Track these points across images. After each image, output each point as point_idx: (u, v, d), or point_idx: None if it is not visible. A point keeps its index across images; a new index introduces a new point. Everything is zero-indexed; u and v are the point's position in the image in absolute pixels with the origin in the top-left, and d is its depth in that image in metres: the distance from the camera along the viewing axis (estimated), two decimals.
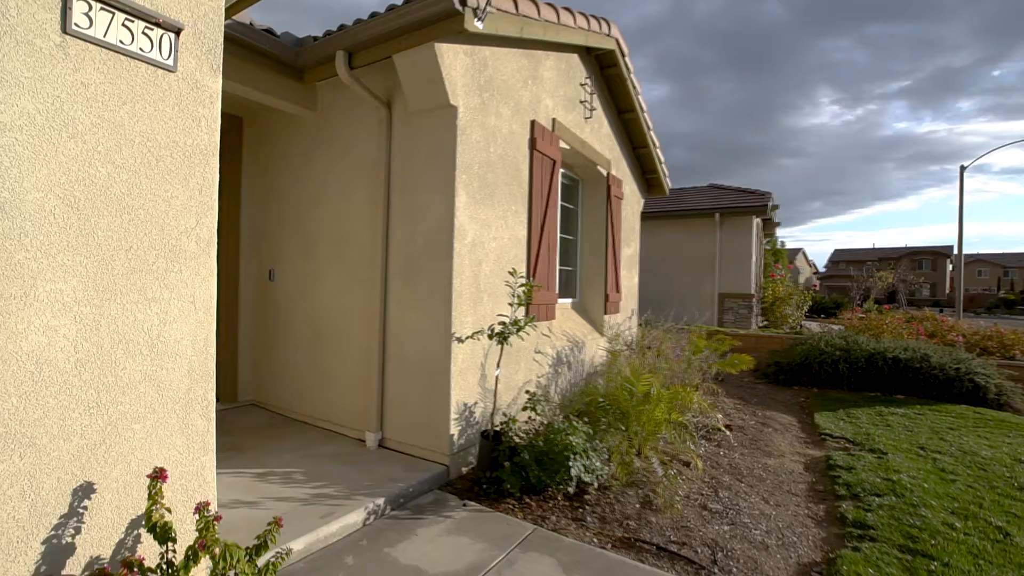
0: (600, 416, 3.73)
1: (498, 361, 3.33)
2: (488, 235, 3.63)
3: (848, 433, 4.92)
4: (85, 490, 1.63)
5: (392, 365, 3.59)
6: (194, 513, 1.71)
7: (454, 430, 3.32)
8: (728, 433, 4.34)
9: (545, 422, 3.69)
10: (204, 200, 1.94)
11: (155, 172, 1.80)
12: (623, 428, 3.65)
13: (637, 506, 3.10)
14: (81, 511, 1.62)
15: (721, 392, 5.78)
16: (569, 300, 5.70)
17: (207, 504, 1.73)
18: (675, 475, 3.51)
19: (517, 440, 3.20)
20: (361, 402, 3.72)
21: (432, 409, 3.36)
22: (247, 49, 3.38)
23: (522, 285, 3.25)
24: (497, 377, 3.34)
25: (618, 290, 6.25)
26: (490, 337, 3.22)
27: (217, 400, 4.56)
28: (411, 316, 3.49)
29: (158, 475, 1.67)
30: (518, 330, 3.16)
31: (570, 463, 2.91)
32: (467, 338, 3.37)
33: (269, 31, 3.41)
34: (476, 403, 3.53)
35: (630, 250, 6.98)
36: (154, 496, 1.64)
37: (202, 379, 1.95)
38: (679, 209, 12.91)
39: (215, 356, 1.99)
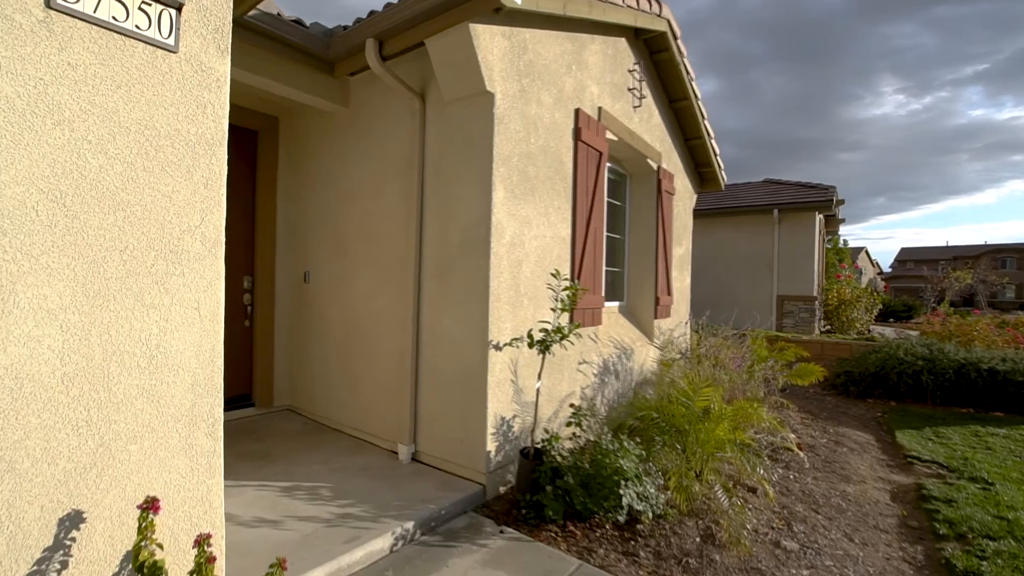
0: (653, 434, 3.36)
1: (539, 372, 3.03)
2: (528, 233, 3.34)
3: (940, 456, 4.29)
4: (73, 519, 1.46)
5: (425, 373, 3.35)
6: (194, 546, 1.51)
7: (491, 446, 3.04)
8: (800, 454, 3.85)
9: (591, 438, 3.36)
10: (210, 195, 1.75)
11: (154, 164, 1.61)
12: (680, 447, 3.26)
13: (698, 540, 2.72)
14: (68, 543, 1.44)
15: (788, 406, 5.23)
16: (616, 303, 5.32)
17: (208, 537, 1.53)
18: (741, 504, 3.09)
19: (560, 460, 2.89)
20: (394, 412, 3.52)
21: (467, 423, 3.10)
22: (277, 42, 3.23)
23: (566, 288, 2.94)
24: (538, 390, 3.04)
25: (669, 293, 5.80)
26: (530, 345, 2.92)
27: (253, 405, 4.53)
28: (445, 321, 3.24)
29: (150, 506, 1.47)
30: (561, 338, 2.85)
31: (621, 490, 2.57)
32: (505, 345, 3.09)
33: (298, 22, 3.26)
34: (515, 416, 3.24)
35: (682, 249, 6.51)
36: (144, 530, 1.45)
37: (207, 394, 1.75)
38: (733, 206, 12.16)
39: (223, 368, 1.79)
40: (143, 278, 1.59)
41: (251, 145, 4.33)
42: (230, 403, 4.20)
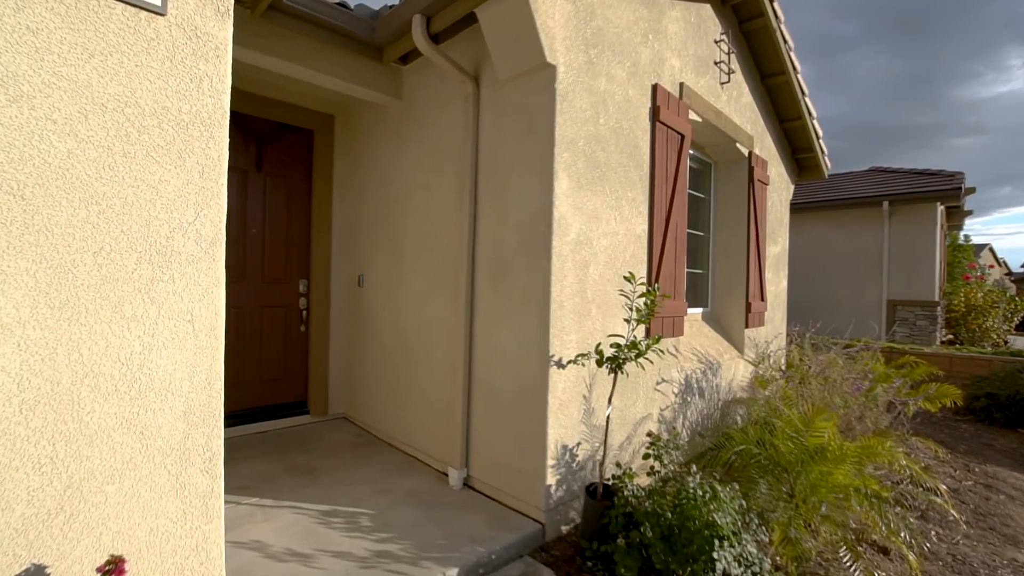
0: (753, 472, 2.75)
1: (610, 395, 2.55)
2: (597, 229, 2.86)
3: None
4: None
5: (479, 391, 2.98)
6: None
7: (551, 479, 2.60)
8: (945, 504, 3.04)
9: (673, 468, 2.81)
10: (207, 185, 1.46)
11: (137, 148, 1.34)
12: (787, 491, 2.64)
13: None
14: None
15: (915, 435, 4.31)
16: (699, 310, 4.67)
17: None
18: (869, 570, 2.42)
19: (635, 503, 2.39)
20: (445, 430, 3.18)
21: (525, 449, 2.68)
22: (320, 27, 3.01)
23: (643, 295, 2.43)
24: (608, 416, 2.55)
25: (763, 298, 5.04)
26: (599, 363, 2.44)
27: (307, 412, 4.40)
28: (500, 331, 2.85)
29: (113, 568, 1.19)
30: (637, 356, 2.35)
31: (714, 552, 2.03)
32: (569, 362, 2.63)
33: (342, 4, 3.01)
34: (580, 444, 2.77)
35: (777, 247, 5.68)
36: None
37: (204, 423, 1.47)
38: (832, 199, 10.78)
39: (223, 392, 1.50)
40: (123, 285, 1.32)
41: (307, 145, 4.21)
42: (284, 410, 4.09)
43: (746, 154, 4.73)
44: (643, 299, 2.45)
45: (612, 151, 2.96)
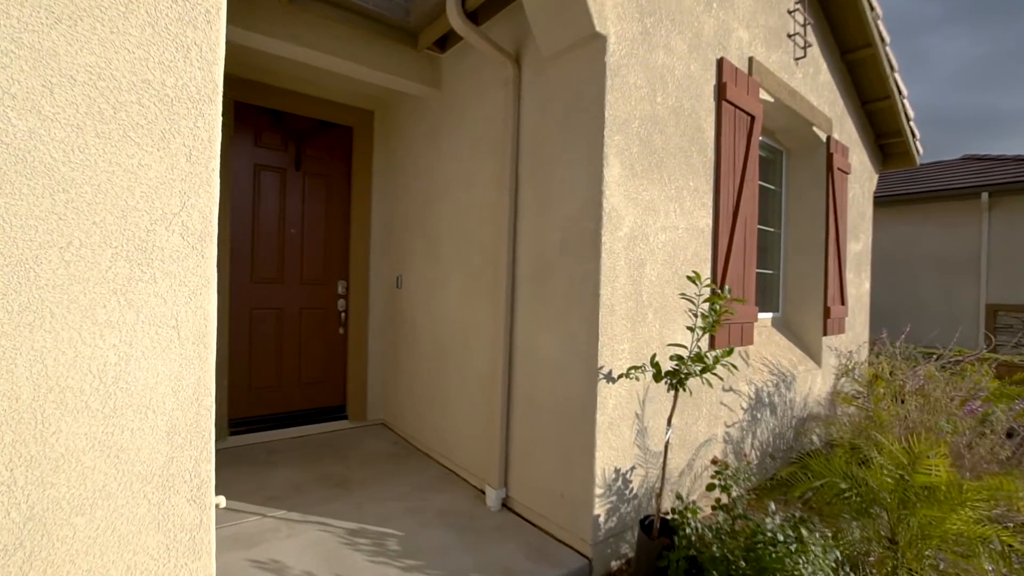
0: (841, 510, 2.31)
1: (669, 415, 2.19)
2: (654, 223, 2.51)
3: None
4: None
5: (519, 403, 2.70)
6: None
7: (600, 507, 2.28)
8: None
9: (741, 501, 2.42)
10: (195, 171, 1.27)
11: (112, 128, 1.16)
12: (887, 537, 2.18)
13: None
14: None
15: None
16: (768, 315, 4.17)
17: None
18: None
19: (699, 543, 2.03)
20: (483, 443, 2.92)
21: (569, 471, 2.38)
22: (352, 12, 2.84)
23: (709, 298, 2.06)
24: (668, 442, 2.19)
25: (843, 301, 4.46)
26: (657, 377, 2.10)
27: (346, 418, 4.28)
28: (543, 338, 2.56)
29: None
30: (703, 371, 1.99)
31: None
32: (620, 375, 2.30)
33: None
34: (633, 469, 2.43)
35: (859, 245, 5.04)
36: None
37: (190, 444, 1.27)
38: (920, 191, 9.69)
39: (214, 409, 1.30)
40: (95, 286, 1.14)
41: (346, 142, 4.09)
42: (323, 414, 3.98)
43: (824, 139, 4.19)
44: (710, 303, 2.08)
45: (671, 134, 2.60)
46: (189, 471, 1.27)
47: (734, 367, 2.16)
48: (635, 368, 2.20)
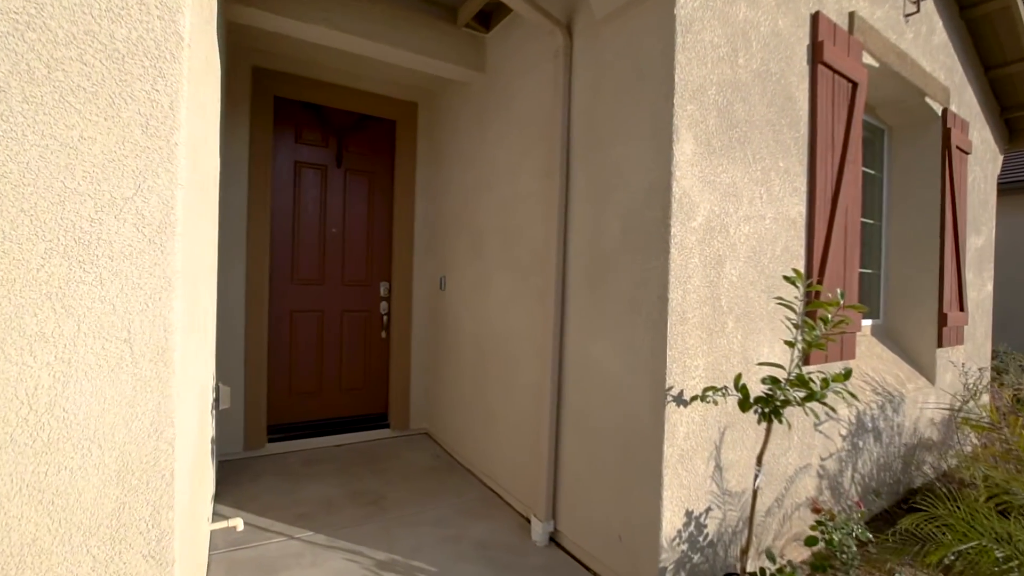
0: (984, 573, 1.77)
1: (760, 452, 1.74)
2: (736, 212, 2.07)
3: None
4: None
5: (570, 421, 2.34)
6: None
7: (667, 557, 1.87)
8: None
9: (853, 558, 1.92)
10: (154, 145, 1.01)
11: (44, 92, 0.92)
12: None
13: None
14: None
15: None
16: (868, 322, 3.54)
17: None
18: None
19: None
20: (529, 466, 2.58)
21: (630, 509, 1.98)
22: None
23: (816, 303, 1.60)
24: (758, 486, 1.75)
25: (961, 307, 3.73)
26: (743, 406, 1.66)
27: (387, 426, 4.06)
28: (598, 348, 2.18)
29: None
30: (809, 399, 1.54)
31: None
32: (694, 397, 1.89)
33: None
34: (709, 511, 2.00)
35: (981, 239, 4.25)
36: None
37: (147, 486, 1.02)
38: None
39: (177, 442, 1.04)
40: (23, 289, 0.91)
41: (389, 136, 3.89)
42: (364, 422, 3.79)
43: (939, 113, 3.51)
44: (810, 311, 1.62)
45: (756, 103, 2.14)
46: (146, 520, 1.02)
47: (852, 396, 1.68)
48: (713, 390, 1.78)
